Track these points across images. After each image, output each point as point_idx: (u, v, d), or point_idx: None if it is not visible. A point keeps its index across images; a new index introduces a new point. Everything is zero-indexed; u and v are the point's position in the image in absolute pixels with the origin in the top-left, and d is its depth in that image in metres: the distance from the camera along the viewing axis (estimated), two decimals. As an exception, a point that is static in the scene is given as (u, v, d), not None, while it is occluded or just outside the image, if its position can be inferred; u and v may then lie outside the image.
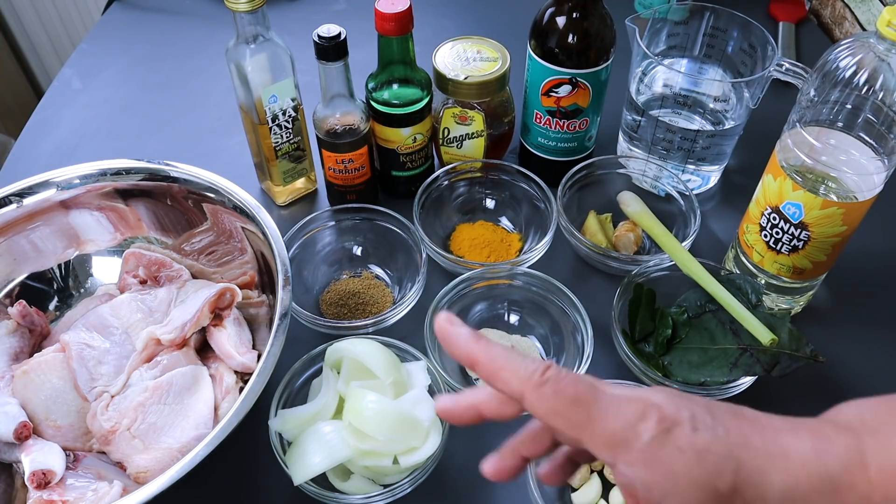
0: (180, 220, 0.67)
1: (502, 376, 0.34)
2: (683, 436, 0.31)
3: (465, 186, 0.77)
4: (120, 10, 1.07)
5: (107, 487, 0.52)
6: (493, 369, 0.34)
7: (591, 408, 0.32)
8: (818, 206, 0.56)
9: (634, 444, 0.31)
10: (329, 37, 0.63)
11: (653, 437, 0.31)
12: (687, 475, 0.31)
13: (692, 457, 0.31)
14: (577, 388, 0.33)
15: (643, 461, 0.31)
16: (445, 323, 0.36)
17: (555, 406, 0.33)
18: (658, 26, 0.76)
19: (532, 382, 0.33)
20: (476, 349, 0.35)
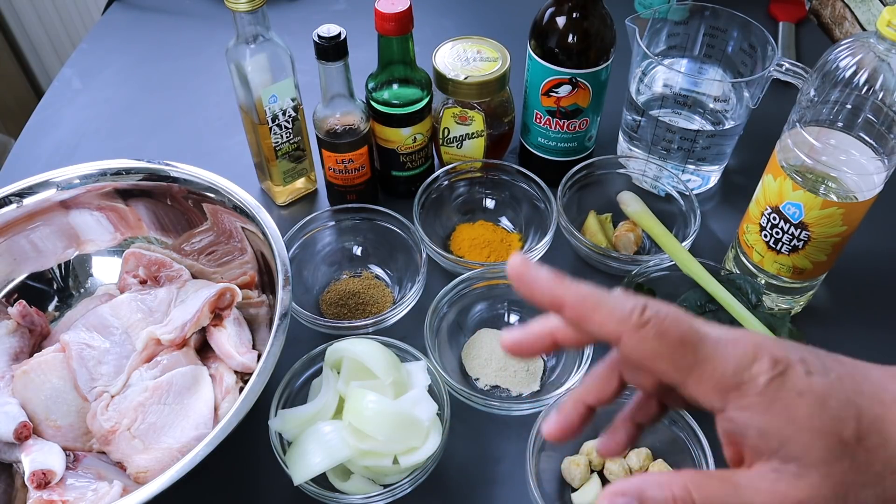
0: (180, 220, 0.67)
1: (597, 318, 0.31)
2: (800, 379, 0.30)
3: (465, 186, 0.77)
4: (120, 10, 1.07)
5: (107, 487, 0.52)
6: (585, 311, 0.31)
7: (699, 349, 0.30)
8: (818, 206, 0.56)
9: (750, 388, 0.29)
10: (329, 37, 0.63)
11: (769, 379, 0.29)
12: (810, 421, 0.29)
13: (813, 402, 0.29)
14: (680, 328, 0.30)
15: (761, 405, 0.29)
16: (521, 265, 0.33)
17: (658, 349, 0.30)
18: (658, 26, 0.76)
19: (631, 324, 0.30)
20: (562, 290, 0.32)
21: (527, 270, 0.33)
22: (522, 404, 0.58)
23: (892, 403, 0.30)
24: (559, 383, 0.60)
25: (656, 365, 0.31)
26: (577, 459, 0.56)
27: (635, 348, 0.31)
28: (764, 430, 0.29)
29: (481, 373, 0.63)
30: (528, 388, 0.63)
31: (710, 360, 0.30)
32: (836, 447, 0.29)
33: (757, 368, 0.29)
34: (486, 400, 0.58)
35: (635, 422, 0.37)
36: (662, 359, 0.30)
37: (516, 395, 0.62)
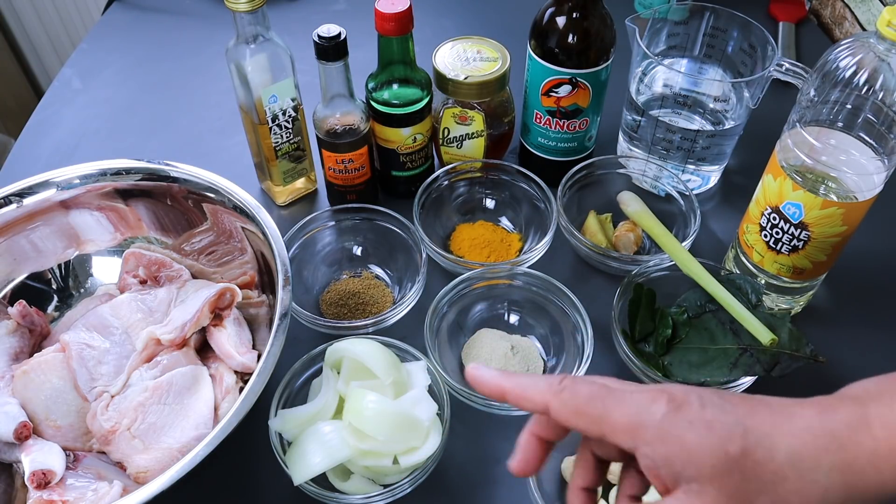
0: (180, 220, 0.67)
1: (528, 395, 0.38)
2: (693, 411, 0.34)
3: (465, 186, 0.77)
4: (120, 10, 1.07)
5: (107, 487, 0.52)
6: (520, 393, 0.38)
7: (607, 401, 0.35)
8: (818, 206, 0.56)
9: (649, 424, 0.34)
10: (329, 37, 0.63)
11: (664, 414, 0.34)
12: (699, 443, 0.33)
13: (702, 427, 0.34)
14: (591, 387, 0.36)
15: (659, 437, 0.34)
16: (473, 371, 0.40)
17: (575, 406, 0.36)
18: (658, 26, 0.76)
19: (552, 391, 0.37)
20: (503, 381, 0.39)
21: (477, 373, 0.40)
22: (522, 404, 0.58)
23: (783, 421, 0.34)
24: (559, 383, 0.60)
25: (577, 422, 0.36)
26: (577, 459, 0.56)
27: (559, 411, 0.36)
28: (666, 458, 0.34)
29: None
30: (528, 388, 0.62)
31: (616, 408, 0.35)
32: (723, 462, 0.33)
33: (655, 408, 0.34)
34: (486, 400, 0.58)
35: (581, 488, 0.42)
36: (580, 414, 0.36)
37: (516, 395, 0.62)
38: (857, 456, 0.33)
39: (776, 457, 0.33)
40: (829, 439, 0.34)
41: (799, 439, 0.33)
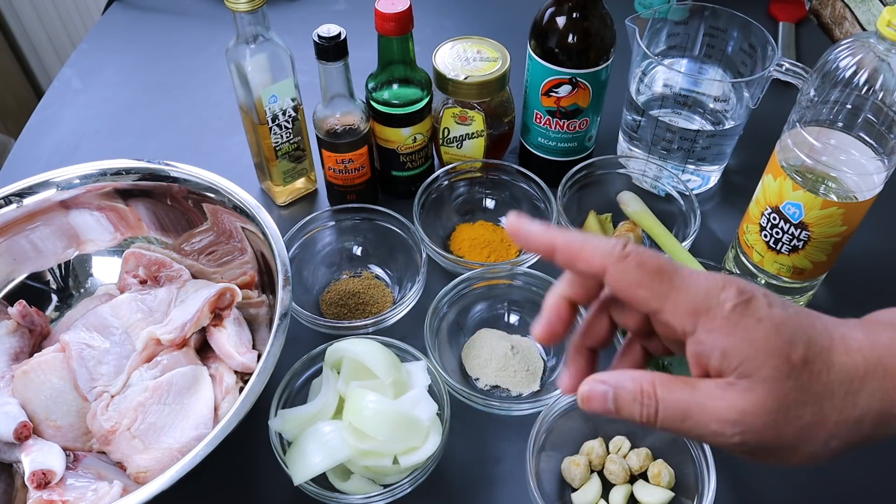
0: (180, 220, 0.67)
1: (584, 255, 0.35)
2: (761, 308, 0.33)
3: (465, 186, 0.77)
4: (120, 10, 1.07)
5: (107, 487, 0.52)
6: (574, 250, 0.36)
7: (674, 278, 0.34)
8: (818, 206, 0.56)
9: (717, 312, 0.33)
10: (329, 37, 0.63)
11: (734, 305, 0.33)
12: (766, 342, 0.33)
13: (770, 326, 0.33)
14: (658, 260, 0.34)
15: (725, 327, 0.33)
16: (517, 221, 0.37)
17: (638, 277, 0.34)
18: (658, 26, 0.76)
19: (614, 256, 0.34)
20: (553, 236, 0.36)
21: (522, 224, 0.37)
22: (522, 404, 0.58)
23: (839, 340, 0.35)
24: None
25: (637, 293, 0.34)
26: (577, 459, 0.56)
27: (618, 278, 0.34)
28: (726, 351, 0.33)
29: (481, 373, 0.63)
30: (528, 388, 0.63)
31: (683, 287, 0.34)
32: (783, 367, 0.33)
33: (724, 295, 0.33)
34: (486, 400, 0.58)
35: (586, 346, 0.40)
36: (642, 286, 0.34)
37: (516, 395, 0.62)
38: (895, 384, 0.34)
39: (830, 372, 0.33)
40: (876, 364, 0.34)
41: (852, 360, 0.34)
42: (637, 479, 0.57)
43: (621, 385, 0.35)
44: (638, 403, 0.35)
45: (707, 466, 0.53)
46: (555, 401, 0.57)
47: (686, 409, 0.34)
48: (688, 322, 0.34)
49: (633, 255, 0.34)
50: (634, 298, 0.35)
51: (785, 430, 0.33)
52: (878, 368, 0.34)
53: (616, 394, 0.35)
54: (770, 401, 0.33)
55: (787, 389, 0.33)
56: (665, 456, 0.57)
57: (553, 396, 0.57)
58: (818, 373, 0.33)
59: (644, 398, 0.35)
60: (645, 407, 0.35)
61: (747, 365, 0.33)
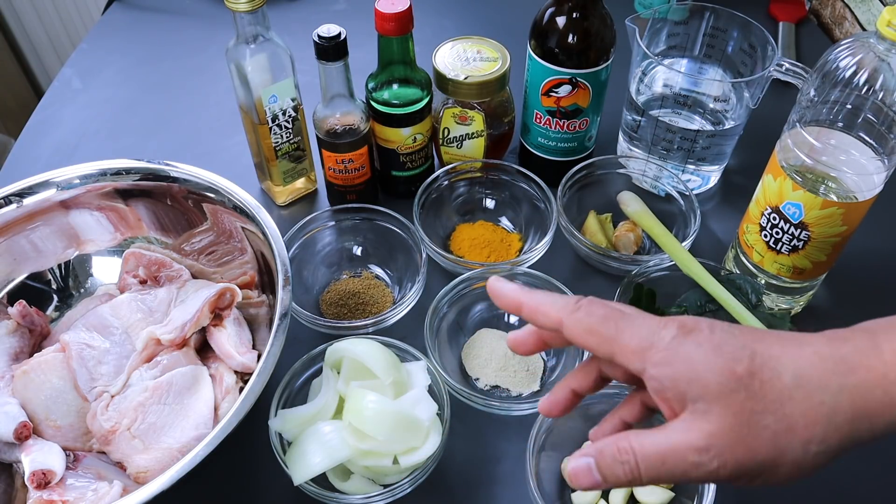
0: (180, 220, 0.67)
1: (543, 311, 0.39)
2: (702, 335, 0.35)
3: (465, 186, 0.77)
4: (120, 10, 1.07)
5: (107, 487, 0.52)
6: (536, 307, 0.39)
7: (620, 322, 0.37)
8: (818, 206, 0.56)
9: (659, 345, 0.35)
10: (329, 37, 0.63)
11: (674, 336, 0.35)
12: (706, 363, 0.34)
13: (710, 349, 0.35)
14: (605, 309, 0.38)
15: (667, 358, 0.35)
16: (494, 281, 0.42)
17: (588, 325, 0.37)
18: (658, 26, 0.76)
19: (568, 309, 0.38)
20: (520, 295, 0.40)
21: (496, 284, 0.41)
22: (522, 404, 0.58)
23: (791, 344, 0.35)
24: (559, 383, 0.60)
25: (588, 340, 0.37)
26: (577, 459, 0.56)
27: (571, 327, 0.38)
28: (673, 378, 0.35)
29: (481, 373, 0.63)
30: (528, 388, 0.63)
31: (628, 329, 0.36)
32: (730, 381, 0.34)
33: (664, 332, 0.36)
34: (486, 400, 0.58)
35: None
36: (592, 333, 0.37)
37: (516, 395, 0.62)
38: (865, 379, 0.34)
39: (783, 377, 0.34)
40: (838, 362, 0.34)
41: (807, 361, 0.34)
42: (637, 479, 0.57)
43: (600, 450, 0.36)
44: (619, 463, 0.36)
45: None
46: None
47: (662, 452, 0.35)
48: (636, 361, 0.36)
49: (583, 307, 0.38)
50: (588, 345, 0.38)
51: (755, 444, 0.33)
52: (839, 366, 0.34)
53: (597, 461, 0.36)
54: (728, 416, 0.33)
55: (739, 402, 0.33)
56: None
57: (553, 396, 0.57)
58: (768, 381, 0.34)
59: (622, 455, 0.35)
60: (625, 464, 0.35)
61: (694, 388, 0.34)
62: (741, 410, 0.33)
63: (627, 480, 0.36)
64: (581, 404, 0.58)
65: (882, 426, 0.34)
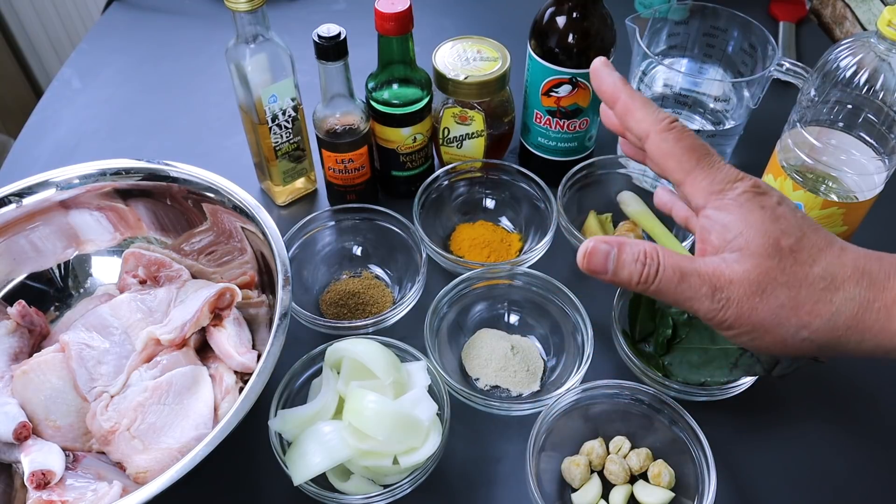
0: (180, 220, 0.67)
1: (637, 115, 0.40)
2: (769, 202, 0.38)
3: (465, 186, 0.77)
4: (120, 10, 1.07)
5: (106, 488, 0.52)
6: (631, 108, 0.40)
7: (702, 159, 0.39)
8: (818, 206, 0.56)
9: (728, 194, 0.38)
10: (329, 37, 0.63)
11: (744, 191, 0.38)
12: (761, 224, 0.37)
13: (770, 215, 0.38)
14: (693, 140, 0.39)
15: (730, 206, 0.38)
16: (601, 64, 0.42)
17: (672, 149, 0.39)
18: (658, 26, 0.76)
19: (660, 126, 0.39)
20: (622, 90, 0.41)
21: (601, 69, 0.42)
22: (522, 404, 0.58)
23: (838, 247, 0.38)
24: (559, 383, 0.60)
25: (667, 162, 0.39)
26: (578, 460, 0.56)
27: (656, 146, 0.39)
28: (725, 224, 0.38)
29: (481, 373, 0.63)
30: (528, 388, 0.62)
31: (707, 169, 0.38)
32: (771, 248, 0.37)
33: (739, 185, 0.38)
34: (486, 400, 0.58)
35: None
36: (673, 158, 0.39)
37: (516, 395, 0.62)
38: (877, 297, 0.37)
39: (814, 267, 0.37)
40: (863, 274, 0.37)
41: (841, 262, 0.37)
42: (637, 479, 0.57)
43: (626, 245, 0.38)
44: (640, 263, 0.38)
45: (707, 466, 0.53)
46: (555, 401, 0.57)
47: (684, 272, 0.38)
48: (701, 198, 0.39)
49: (675, 130, 0.39)
50: (665, 166, 0.40)
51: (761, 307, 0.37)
52: (863, 277, 0.37)
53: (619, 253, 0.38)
54: (753, 274, 0.37)
55: (769, 268, 0.37)
56: (665, 456, 0.57)
57: (553, 397, 0.57)
58: (802, 262, 0.37)
59: (647, 259, 0.38)
60: (647, 266, 0.38)
61: (740, 239, 0.37)
62: (767, 274, 0.37)
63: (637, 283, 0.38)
64: (581, 405, 0.58)
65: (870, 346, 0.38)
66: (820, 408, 0.62)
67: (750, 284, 0.37)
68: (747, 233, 0.37)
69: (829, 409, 0.62)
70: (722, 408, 0.61)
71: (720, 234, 0.38)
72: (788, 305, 0.37)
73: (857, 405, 0.63)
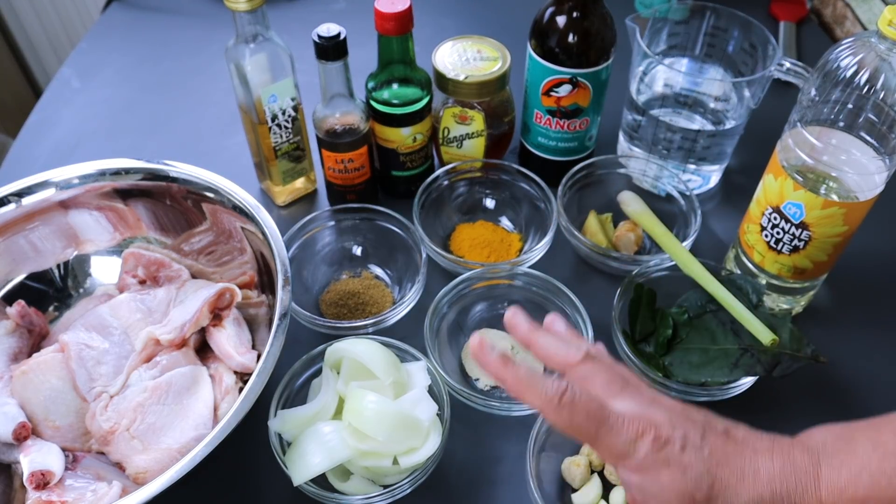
0: (179, 220, 0.67)
1: (527, 397, 0.41)
2: (673, 453, 0.39)
3: (465, 186, 0.77)
4: (119, 10, 1.06)
5: (106, 488, 0.52)
6: (520, 390, 0.42)
7: (601, 427, 0.40)
8: (819, 205, 0.56)
9: (632, 457, 0.39)
10: (329, 36, 0.63)
11: (647, 453, 0.39)
12: (671, 484, 0.39)
13: (677, 471, 0.39)
14: (588, 409, 0.40)
15: (637, 470, 0.40)
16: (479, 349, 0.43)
17: (570, 423, 0.40)
18: (658, 26, 0.76)
19: (552, 404, 0.40)
20: (504, 372, 0.42)
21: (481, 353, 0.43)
22: (522, 405, 0.58)
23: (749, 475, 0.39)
24: (559, 383, 0.60)
25: (570, 432, 0.40)
26: (578, 460, 0.56)
27: (554, 421, 0.40)
28: (640, 487, 0.40)
29: (481, 373, 0.63)
30: (528, 389, 0.62)
31: (606, 435, 0.40)
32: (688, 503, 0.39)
33: (640, 445, 0.39)
34: (486, 400, 0.58)
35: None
36: (573, 430, 0.40)
37: (516, 396, 0.62)
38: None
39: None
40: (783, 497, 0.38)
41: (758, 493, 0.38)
42: (638, 479, 0.57)
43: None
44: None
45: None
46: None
47: None
48: (611, 461, 0.41)
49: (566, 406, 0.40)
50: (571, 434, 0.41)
51: None
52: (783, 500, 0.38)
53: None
54: None
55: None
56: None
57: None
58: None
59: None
60: None
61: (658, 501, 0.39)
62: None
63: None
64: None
65: None
66: (820, 408, 0.62)
67: None
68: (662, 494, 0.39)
69: (829, 410, 0.62)
70: (722, 408, 0.60)
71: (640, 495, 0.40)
72: None
73: (856, 405, 0.62)
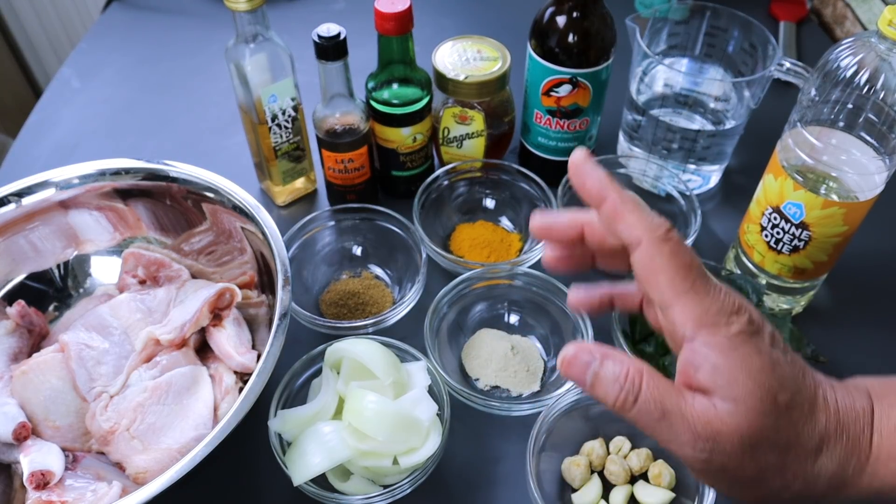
0: (179, 220, 0.67)
1: (629, 219, 0.35)
2: (764, 343, 0.34)
3: (465, 186, 0.77)
4: (119, 10, 1.06)
5: (106, 488, 0.52)
6: (622, 210, 0.35)
7: (697, 282, 0.34)
8: (819, 205, 0.56)
9: (722, 329, 0.33)
10: (329, 36, 0.63)
11: (741, 330, 0.33)
12: (759, 374, 0.33)
13: (768, 362, 0.34)
14: (692, 258, 0.34)
15: (724, 346, 0.33)
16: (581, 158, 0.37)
17: (665, 265, 0.34)
18: (658, 26, 0.76)
19: (656, 234, 0.34)
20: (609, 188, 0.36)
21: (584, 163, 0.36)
22: (522, 404, 0.58)
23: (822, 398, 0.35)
24: (559, 383, 0.60)
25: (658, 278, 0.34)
26: (578, 460, 0.56)
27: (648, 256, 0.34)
28: (716, 366, 0.33)
29: (481, 373, 0.63)
30: (528, 389, 0.62)
31: (702, 293, 0.34)
32: (769, 404, 0.33)
33: (735, 319, 0.34)
34: (486, 400, 0.58)
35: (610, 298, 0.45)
36: (665, 274, 0.34)
37: (516, 396, 0.62)
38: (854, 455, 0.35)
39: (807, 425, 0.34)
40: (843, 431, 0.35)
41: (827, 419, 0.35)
42: (637, 479, 0.57)
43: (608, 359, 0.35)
44: (618, 385, 0.34)
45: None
46: (555, 401, 0.57)
47: (666, 409, 0.34)
48: (690, 327, 0.34)
49: (671, 242, 0.34)
50: (652, 282, 0.35)
51: (748, 465, 0.34)
52: (843, 434, 0.35)
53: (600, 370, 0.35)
54: (746, 431, 0.33)
55: (763, 426, 0.33)
56: (666, 456, 0.57)
57: (553, 397, 0.57)
58: (795, 422, 0.34)
59: (627, 383, 0.34)
60: (625, 391, 0.34)
61: (735, 388, 0.33)
62: (760, 433, 0.33)
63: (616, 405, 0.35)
64: (581, 405, 0.58)
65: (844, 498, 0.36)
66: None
67: (741, 441, 0.33)
68: (743, 383, 0.33)
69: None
70: (722, 408, 0.61)
71: (709, 376, 0.34)
72: (776, 467, 0.34)
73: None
